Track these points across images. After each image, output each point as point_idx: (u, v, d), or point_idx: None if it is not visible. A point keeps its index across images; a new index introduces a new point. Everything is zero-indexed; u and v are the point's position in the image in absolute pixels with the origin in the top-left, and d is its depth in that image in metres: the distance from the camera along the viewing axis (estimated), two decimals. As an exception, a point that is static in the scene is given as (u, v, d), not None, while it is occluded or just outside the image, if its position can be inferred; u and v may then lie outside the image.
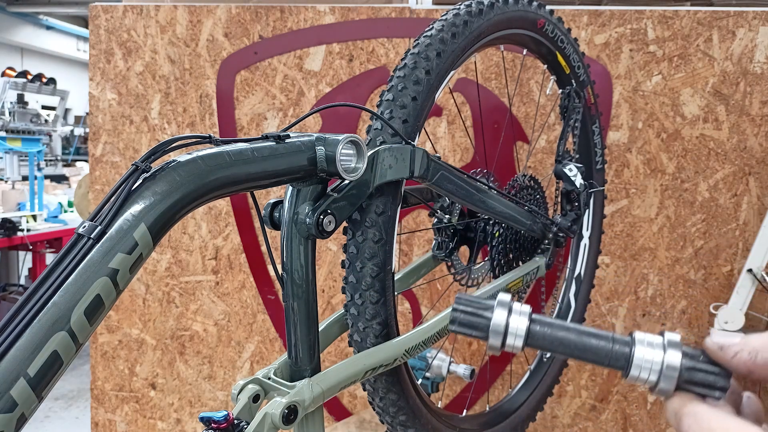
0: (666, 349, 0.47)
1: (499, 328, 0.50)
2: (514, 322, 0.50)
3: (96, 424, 1.99)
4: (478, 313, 0.50)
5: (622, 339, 0.49)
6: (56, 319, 0.48)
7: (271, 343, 1.90)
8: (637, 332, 0.49)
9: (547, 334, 0.50)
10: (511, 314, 0.50)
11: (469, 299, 0.51)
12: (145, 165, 0.56)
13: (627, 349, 0.48)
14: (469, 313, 0.50)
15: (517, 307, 0.51)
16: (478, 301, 0.51)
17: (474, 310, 0.50)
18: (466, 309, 0.50)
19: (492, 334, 0.50)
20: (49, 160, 7.19)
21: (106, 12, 1.85)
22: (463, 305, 0.51)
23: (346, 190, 0.75)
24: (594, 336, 0.49)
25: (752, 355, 0.46)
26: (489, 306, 0.51)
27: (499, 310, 0.50)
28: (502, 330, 0.50)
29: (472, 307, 0.51)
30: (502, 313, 0.50)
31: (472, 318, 0.50)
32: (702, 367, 0.47)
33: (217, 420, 0.66)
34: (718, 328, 1.65)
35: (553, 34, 1.15)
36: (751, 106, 1.70)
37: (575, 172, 1.21)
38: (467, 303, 0.51)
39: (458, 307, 0.51)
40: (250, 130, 1.85)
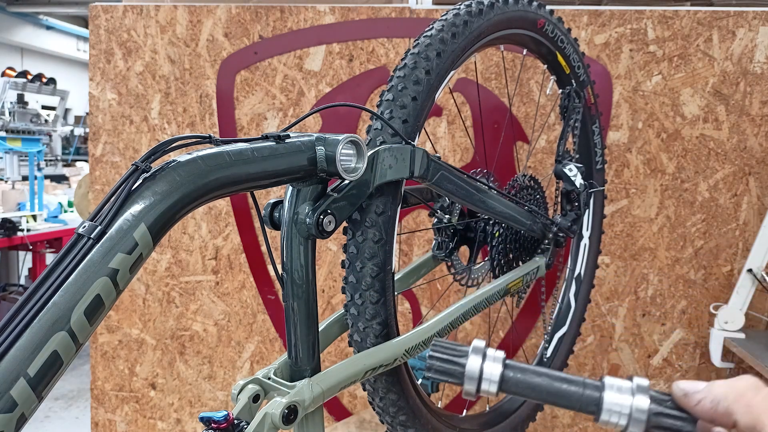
0: (635, 394, 0.48)
1: (473, 375, 0.51)
2: (489, 368, 0.51)
3: (96, 424, 1.99)
4: (453, 360, 0.51)
5: (592, 384, 0.50)
6: (56, 319, 0.48)
7: (271, 343, 1.90)
8: (607, 377, 0.50)
9: (520, 380, 0.51)
10: (485, 360, 0.51)
11: (445, 346, 0.52)
12: (145, 165, 0.56)
13: (597, 394, 0.49)
14: (445, 360, 0.51)
15: (491, 353, 0.52)
16: (453, 347, 0.52)
17: (449, 357, 0.51)
18: (442, 356, 0.51)
19: (467, 381, 0.51)
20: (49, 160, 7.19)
21: (106, 12, 1.85)
22: (439, 352, 0.52)
23: (346, 190, 0.75)
24: (566, 381, 0.50)
25: (714, 403, 0.47)
26: (464, 352, 0.52)
27: (473, 356, 0.51)
28: (477, 376, 0.51)
29: (447, 353, 0.51)
30: (476, 360, 0.51)
31: (447, 365, 0.51)
32: (669, 412, 0.48)
33: (217, 420, 0.66)
34: (718, 328, 1.65)
35: (553, 34, 1.15)
36: (751, 106, 1.70)
37: (575, 172, 1.21)
38: (442, 350, 0.52)
39: (434, 354, 0.51)
40: (250, 130, 1.85)
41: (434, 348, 0.52)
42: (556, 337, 1.36)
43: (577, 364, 1.82)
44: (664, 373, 1.81)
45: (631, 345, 1.81)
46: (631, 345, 1.81)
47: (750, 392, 0.47)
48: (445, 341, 0.52)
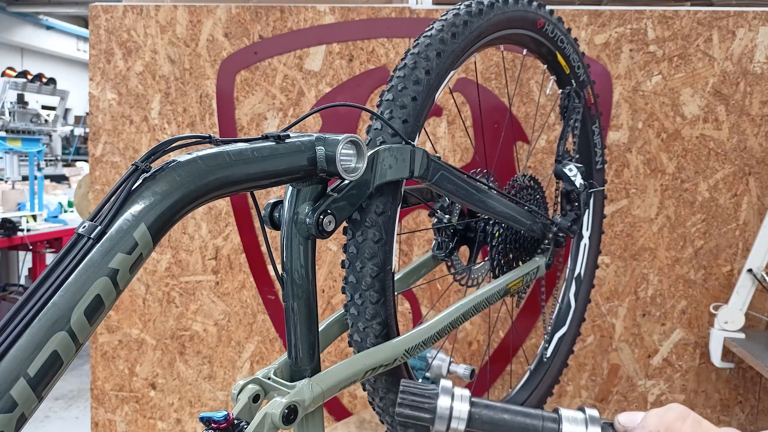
0: (588, 425, 0.52)
1: (444, 414, 0.54)
2: (457, 407, 0.54)
3: (96, 424, 1.99)
4: (423, 403, 0.54)
5: (550, 416, 0.54)
6: (56, 319, 0.48)
7: (271, 343, 1.90)
8: (562, 409, 0.54)
9: (485, 416, 0.54)
10: (453, 400, 0.54)
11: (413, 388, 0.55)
12: (145, 165, 0.56)
13: (555, 426, 0.53)
14: (415, 404, 0.54)
15: (458, 392, 0.55)
16: (422, 388, 0.55)
17: (419, 399, 0.54)
18: (412, 398, 0.54)
19: (438, 421, 0.53)
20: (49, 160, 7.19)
21: (106, 12, 1.85)
22: (409, 393, 0.54)
23: (346, 190, 0.75)
24: (526, 415, 0.54)
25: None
26: (433, 393, 0.54)
27: (443, 397, 0.54)
28: (447, 415, 0.54)
29: (417, 395, 0.54)
30: (446, 400, 0.54)
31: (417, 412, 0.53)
32: None
33: (217, 420, 0.66)
34: (718, 328, 1.65)
35: (553, 34, 1.15)
36: (751, 106, 1.70)
37: (575, 172, 1.21)
38: (412, 391, 0.54)
39: (404, 397, 0.54)
40: (250, 130, 1.85)
41: (402, 395, 0.54)
42: (556, 337, 1.36)
43: (577, 364, 1.82)
44: (664, 373, 1.81)
45: (631, 345, 1.81)
46: (631, 345, 1.81)
47: (677, 423, 0.52)
48: (413, 384, 0.54)
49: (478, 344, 1.85)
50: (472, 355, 1.86)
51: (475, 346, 1.86)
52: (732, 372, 1.78)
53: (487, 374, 1.86)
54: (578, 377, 1.83)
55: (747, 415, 1.80)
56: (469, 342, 1.86)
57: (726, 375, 1.79)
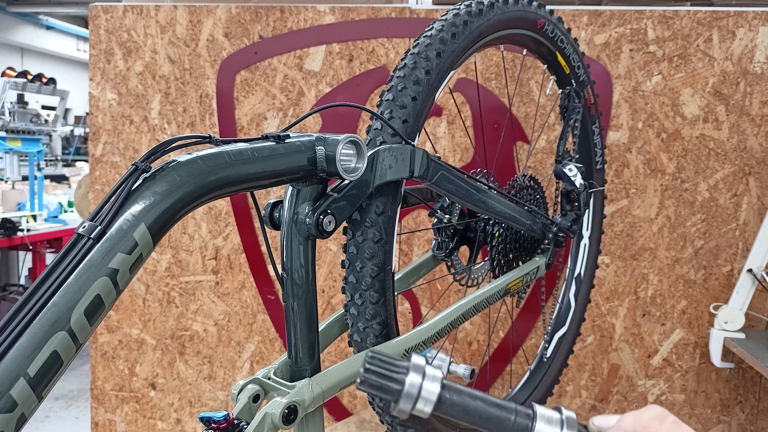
0: (563, 426, 0.49)
1: (412, 392, 0.48)
2: (427, 387, 0.49)
3: (96, 424, 1.99)
4: (391, 376, 0.48)
5: (524, 412, 0.50)
6: (56, 319, 0.48)
7: (271, 343, 1.90)
8: (537, 406, 0.50)
9: (455, 402, 0.49)
10: (424, 379, 0.49)
11: (383, 360, 0.49)
12: (145, 165, 0.56)
13: (528, 423, 0.49)
14: (382, 375, 0.48)
15: (430, 371, 0.50)
16: (392, 362, 0.49)
17: (387, 372, 0.48)
18: (380, 370, 0.48)
19: (404, 398, 0.48)
20: (49, 160, 7.18)
21: (106, 12, 1.85)
22: (376, 366, 0.49)
23: (346, 190, 0.75)
24: (498, 407, 0.50)
25: None
26: (403, 368, 0.49)
27: (413, 374, 0.49)
28: (416, 394, 0.48)
29: (385, 368, 0.49)
30: (416, 377, 0.49)
31: (384, 381, 0.48)
32: None
33: (217, 420, 0.66)
34: (718, 328, 1.65)
35: (553, 34, 1.15)
36: (751, 106, 1.70)
37: (575, 172, 1.21)
38: (380, 363, 0.49)
39: (370, 367, 0.48)
40: (250, 130, 1.85)
41: (371, 361, 0.48)
42: (556, 337, 1.36)
43: (577, 364, 1.82)
44: (664, 373, 1.81)
45: (631, 345, 1.81)
46: (631, 345, 1.81)
47: (654, 423, 0.49)
48: (383, 354, 0.49)
49: (478, 344, 1.85)
50: (472, 355, 1.86)
51: (475, 346, 1.86)
52: (732, 372, 1.78)
53: (487, 374, 1.86)
54: (578, 377, 1.83)
55: (747, 415, 1.80)
56: (469, 342, 1.86)
57: (726, 375, 1.79)
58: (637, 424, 0.50)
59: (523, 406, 0.50)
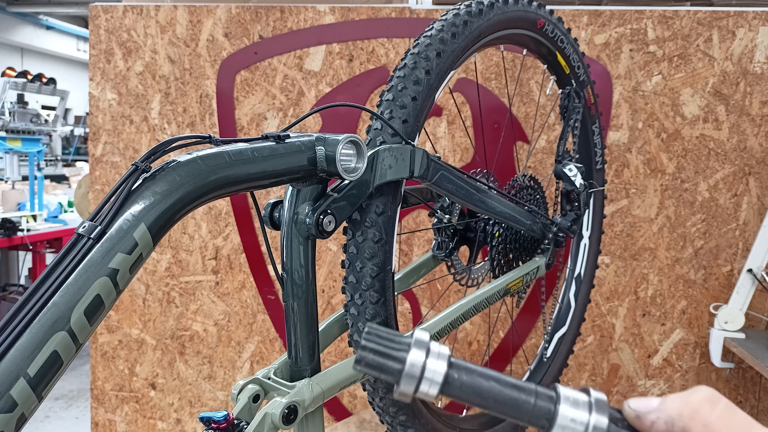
0: (592, 410, 0.43)
1: (414, 372, 0.42)
2: (432, 366, 0.43)
3: (96, 424, 1.99)
4: (391, 354, 0.43)
5: (545, 393, 0.44)
6: (56, 319, 0.48)
7: (271, 343, 1.90)
8: (561, 387, 0.44)
9: (465, 382, 0.43)
10: (428, 356, 0.43)
11: (381, 335, 0.44)
12: (145, 165, 0.56)
13: (551, 406, 0.43)
14: (381, 353, 0.43)
15: (435, 347, 0.44)
16: (391, 337, 0.44)
17: (386, 350, 0.43)
18: (377, 347, 0.43)
19: (405, 379, 0.43)
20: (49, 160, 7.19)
21: (106, 12, 1.85)
22: (374, 342, 0.43)
23: (346, 190, 0.75)
24: (516, 388, 0.44)
25: (668, 425, 0.43)
26: (404, 345, 0.43)
27: (415, 350, 0.43)
28: (418, 374, 0.42)
29: (383, 345, 0.43)
30: (419, 355, 0.43)
31: (383, 359, 0.43)
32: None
33: (217, 420, 0.66)
34: (718, 328, 1.65)
35: (553, 34, 1.15)
36: (751, 106, 1.70)
37: (575, 172, 1.21)
38: (378, 339, 0.43)
39: (368, 344, 0.43)
40: (250, 130, 1.85)
41: (368, 337, 0.43)
42: (556, 337, 1.36)
43: (577, 364, 1.82)
44: (664, 373, 1.81)
45: (631, 345, 1.81)
46: (631, 345, 1.81)
47: (706, 407, 0.43)
48: (381, 328, 0.44)
49: (478, 344, 1.85)
50: (472, 355, 1.86)
51: (475, 346, 1.86)
52: (732, 372, 1.78)
53: (487, 374, 1.86)
54: (578, 377, 1.83)
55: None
56: (469, 342, 1.86)
57: (726, 375, 1.79)
58: (684, 407, 0.43)
59: (544, 387, 0.44)
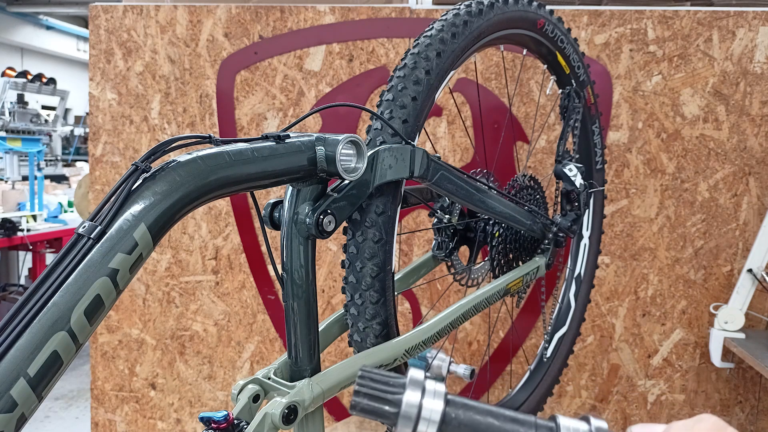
0: None
1: (410, 413, 0.41)
2: (428, 405, 0.42)
3: (96, 424, 1.99)
4: (385, 397, 0.41)
5: (545, 425, 0.43)
6: (56, 319, 0.48)
7: (271, 343, 1.90)
8: (561, 418, 0.44)
9: (463, 421, 0.42)
10: (424, 396, 0.42)
11: (375, 378, 0.42)
12: (145, 165, 0.56)
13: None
14: (375, 397, 0.42)
15: (431, 386, 0.43)
16: (385, 379, 0.42)
17: (380, 394, 0.42)
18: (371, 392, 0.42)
19: (402, 421, 0.41)
20: (49, 160, 7.19)
21: (106, 12, 1.85)
22: (367, 387, 0.42)
23: (346, 190, 0.75)
24: (514, 421, 0.43)
25: None
26: (399, 386, 0.42)
27: (410, 391, 0.42)
28: (415, 415, 0.41)
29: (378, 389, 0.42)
30: (414, 395, 0.42)
31: (378, 404, 0.41)
32: None
33: (217, 420, 0.66)
34: (718, 328, 1.65)
35: (553, 34, 1.15)
36: (751, 106, 1.70)
37: (575, 172, 1.21)
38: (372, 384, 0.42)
39: (361, 389, 0.42)
40: (250, 130, 1.85)
41: (361, 381, 0.42)
42: (556, 337, 1.36)
43: (577, 364, 1.82)
44: (664, 373, 1.81)
45: (631, 345, 1.81)
46: (631, 345, 1.81)
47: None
48: (375, 371, 0.43)
49: (478, 344, 1.85)
50: (472, 355, 1.86)
51: (475, 346, 1.86)
52: (732, 372, 1.78)
53: (487, 374, 1.86)
54: (578, 377, 1.83)
55: (747, 415, 1.80)
56: (469, 342, 1.86)
57: (726, 375, 1.79)
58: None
59: (544, 420, 0.43)
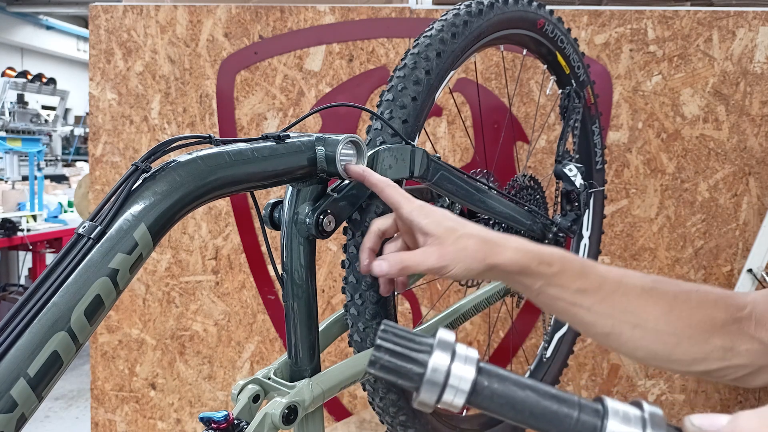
0: (647, 427, 0.36)
1: (437, 378, 0.36)
2: (458, 371, 0.36)
3: (96, 424, 1.99)
4: (409, 355, 0.36)
5: (591, 407, 0.37)
6: (56, 319, 0.48)
7: (271, 343, 1.90)
8: (609, 400, 0.38)
9: (496, 392, 0.37)
10: (454, 360, 0.37)
11: (399, 332, 0.37)
12: (145, 165, 0.56)
13: (597, 422, 0.36)
14: (398, 354, 0.36)
15: (462, 350, 0.37)
16: (410, 336, 0.37)
17: (405, 351, 0.36)
18: (394, 348, 0.36)
19: (426, 386, 0.36)
20: (49, 160, 7.18)
21: (106, 12, 1.85)
22: (391, 342, 0.36)
23: (346, 190, 0.75)
24: (556, 400, 0.37)
25: None
26: (426, 346, 0.36)
27: (439, 352, 0.36)
28: (442, 381, 0.36)
29: (402, 345, 0.36)
30: (443, 358, 0.36)
31: (401, 362, 0.36)
32: None
33: (217, 420, 0.66)
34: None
35: (553, 34, 1.15)
36: (751, 106, 1.70)
37: (575, 172, 1.21)
38: (396, 339, 0.36)
39: (383, 343, 0.36)
40: (250, 130, 1.85)
41: (384, 335, 0.36)
42: (556, 337, 1.36)
43: (577, 364, 1.82)
44: (664, 372, 1.81)
45: (631, 345, 1.80)
46: (631, 345, 1.80)
47: None
48: (400, 327, 0.37)
49: (478, 344, 1.85)
50: (472, 355, 1.86)
51: (475, 346, 1.86)
52: (732, 372, 1.78)
53: (487, 374, 1.86)
54: (578, 377, 1.83)
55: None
56: (469, 342, 1.85)
57: (726, 375, 1.78)
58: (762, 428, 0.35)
59: (589, 401, 0.37)
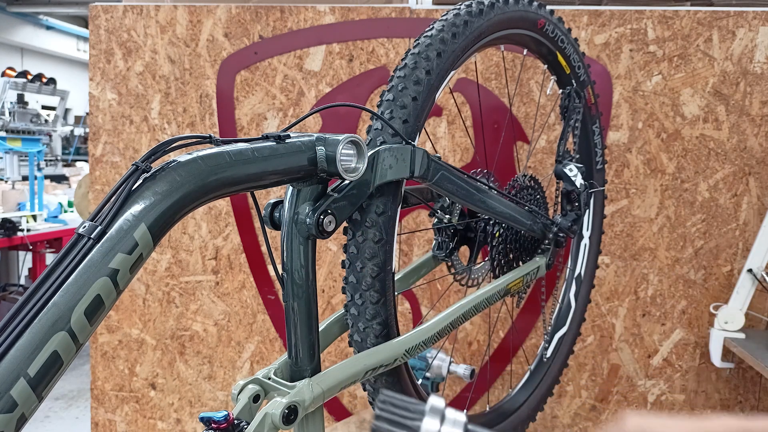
0: None
1: None
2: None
3: (96, 424, 1.99)
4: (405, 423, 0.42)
5: None
6: (56, 319, 0.48)
7: (271, 343, 1.90)
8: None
9: None
10: (443, 424, 0.42)
11: (396, 401, 0.43)
12: (146, 165, 0.56)
13: None
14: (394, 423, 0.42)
15: (450, 415, 0.43)
16: (405, 404, 0.43)
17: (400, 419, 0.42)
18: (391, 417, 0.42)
19: None
20: (49, 160, 7.18)
21: (106, 12, 1.85)
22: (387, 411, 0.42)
23: (347, 190, 0.75)
24: None
25: None
26: (418, 413, 0.42)
27: (429, 419, 0.42)
28: None
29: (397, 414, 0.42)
30: (433, 423, 0.42)
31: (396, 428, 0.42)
32: None
33: (217, 420, 0.66)
34: (718, 328, 1.65)
35: (554, 34, 1.15)
36: (751, 106, 1.70)
37: (575, 172, 1.21)
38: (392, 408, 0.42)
39: (381, 413, 0.42)
40: (250, 130, 1.85)
41: (382, 406, 0.43)
42: (556, 337, 1.36)
43: (577, 364, 1.82)
44: (664, 373, 1.81)
45: (631, 345, 1.80)
46: (631, 345, 1.80)
47: None
48: (396, 396, 0.43)
49: (478, 344, 1.85)
50: (472, 355, 1.86)
51: (475, 346, 1.86)
52: (732, 372, 1.78)
53: (487, 374, 1.86)
54: (578, 377, 1.83)
55: (747, 415, 1.80)
56: (469, 342, 1.86)
57: (726, 375, 1.79)
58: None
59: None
